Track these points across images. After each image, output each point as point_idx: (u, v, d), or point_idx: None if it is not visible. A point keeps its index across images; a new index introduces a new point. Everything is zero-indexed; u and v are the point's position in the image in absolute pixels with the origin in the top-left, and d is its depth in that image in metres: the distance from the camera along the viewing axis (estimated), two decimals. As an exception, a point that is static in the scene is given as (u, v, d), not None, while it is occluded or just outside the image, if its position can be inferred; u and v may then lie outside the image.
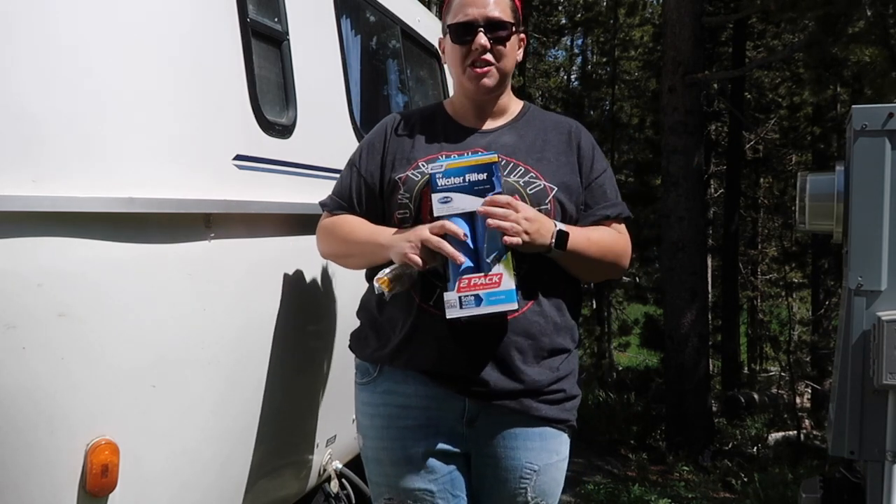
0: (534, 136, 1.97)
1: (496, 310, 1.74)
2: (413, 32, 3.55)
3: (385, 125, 2.05)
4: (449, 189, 1.79)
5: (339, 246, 2.03)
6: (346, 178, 2.04)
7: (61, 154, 1.65)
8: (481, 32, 1.89)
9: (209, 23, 2.01)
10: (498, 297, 1.73)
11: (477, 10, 1.90)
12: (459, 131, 1.98)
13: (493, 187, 1.77)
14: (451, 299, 1.75)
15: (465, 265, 1.75)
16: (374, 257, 1.89)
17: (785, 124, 15.76)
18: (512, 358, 1.85)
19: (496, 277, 1.74)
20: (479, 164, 1.79)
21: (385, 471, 1.93)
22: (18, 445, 1.63)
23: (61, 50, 1.68)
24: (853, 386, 2.30)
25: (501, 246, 1.74)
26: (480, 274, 1.74)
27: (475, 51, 1.90)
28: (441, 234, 1.75)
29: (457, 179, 1.79)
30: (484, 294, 1.73)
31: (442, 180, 1.80)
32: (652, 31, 15.63)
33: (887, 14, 7.22)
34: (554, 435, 1.93)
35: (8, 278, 1.58)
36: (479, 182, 1.78)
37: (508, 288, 1.74)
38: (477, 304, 1.74)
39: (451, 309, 1.75)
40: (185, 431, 1.89)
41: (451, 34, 1.94)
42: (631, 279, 17.65)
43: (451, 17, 1.94)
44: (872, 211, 2.29)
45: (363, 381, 1.98)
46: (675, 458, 8.08)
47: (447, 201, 1.79)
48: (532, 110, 2.05)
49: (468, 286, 1.74)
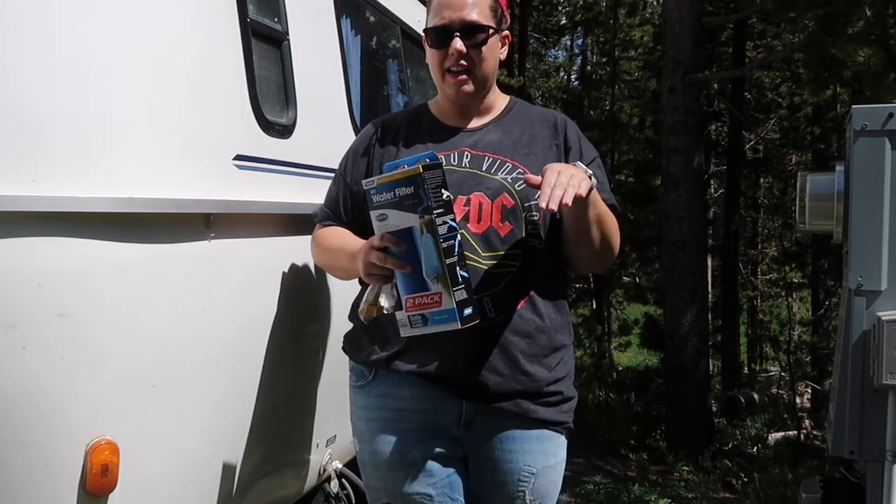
0: (520, 132, 1.95)
1: (441, 329, 1.67)
2: (413, 32, 3.55)
3: (369, 131, 2.04)
4: (383, 205, 1.69)
5: (323, 257, 2.03)
6: (333, 189, 2.03)
7: (61, 154, 1.65)
8: (457, 37, 1.86)
9: (209, 23, 2.01)
10: (441, 316, 1.66)
11: (454, 14, 1.86)
12: (445, 131, 1.97)
13: (421, 201, 1.64)
14: (401, 318, 1.71)
15: (410, 284, 1.68)
16: (352, 271, 1.86)
17: (785, 124, 15.78)
18: (509, 358, 1.83)
19: (437, 296, 1.65)
20: (406, 178, 1.66)
21: (382, 475, 1.91)
22: (18, 445, 1.63)
23: (61, 50, 1.68)
24: (853, 386, 2.30)
25: (437, 263, 1.64)
26: (423, 293, 1.67)
27: (452, 56, 1.87)
28: (382, 247, 1.70)
29: (388, 195, 1.68)
30: (429, 314, 1.67)
31: (376, 196, 1.70)
32: (652, 31, 15.64)
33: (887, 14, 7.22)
34: (551, 437, 1.92)
35: (8, 278, 1.58)
36: (407, 196, 1.66)
37: (449, 307, 1.64)
38: (424, 323, 1.68)
39: (403, 328, 1.71)
40: (185, 431, 1.89)
41: (428, 38, 1.92)
42: (631, 279, 17.67)
43: (429, 19, 1.92)
44: (872, 211, 2.29)
45: (358, 384, 1.96)
46: (675, 458, 8.09)
47: (383, 218, 1.70)
48: (518, 105, 2.03)
49: (414, 306, 1.68)
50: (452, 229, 1.66)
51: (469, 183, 1.85)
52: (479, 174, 1.87)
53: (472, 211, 1.84)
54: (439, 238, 1.63)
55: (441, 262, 1.64)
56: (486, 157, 1.90)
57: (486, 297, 1.82)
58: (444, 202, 1.66)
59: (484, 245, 1.84)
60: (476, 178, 1.86)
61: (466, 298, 1.66)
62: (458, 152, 1.90)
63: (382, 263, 1.69)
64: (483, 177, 1.87)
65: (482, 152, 1.91)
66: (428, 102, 2.08)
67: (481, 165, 1.89)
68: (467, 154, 1.90)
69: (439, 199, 1.65)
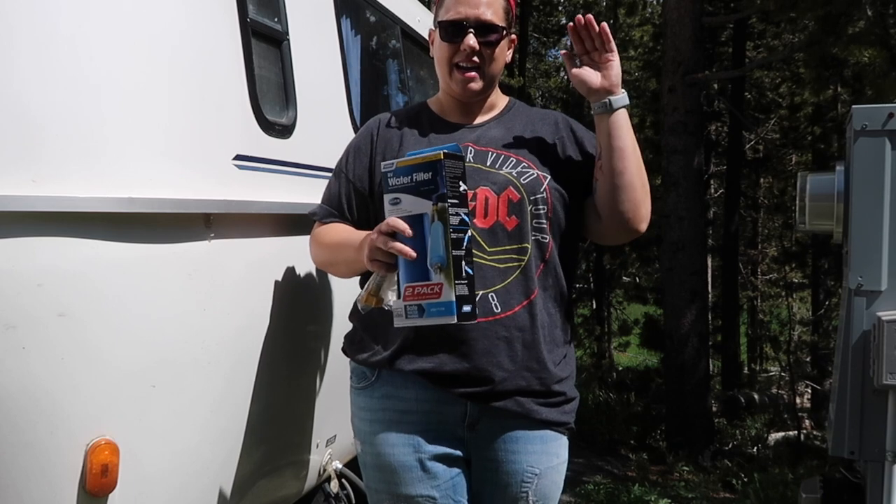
0: (522, 128, 1.96)
1: (437, 322, 1.63)
2: (413, 32, 3.55)
3: (370, 127, 2.03)
4: (399, 189, 1.67)
5: (324, 254, 2.01)
6: (334, 186, 2.02)
7: (61, 154, 1.65)
8: (471, 33, 1.87)
9: (209, 23, 2.01)
10: (438, 308, 1.61)
11: (469, 10, 1.87)
12: (447, 128, 1.97)
13: (437, 188, 1.62)
14: (397, 308, 1.67)
15: (412, 272, 1.65)
16: (356, 264, 1.84)
17: (785, 124, 15.77)
18: (514, 353, 1.83)
19: (437, 287, 1.61)
20: (425, 162, 1.63)
21: (385, 477, 1.89)
22: (18, 445, 1.63)
23: (62, 50, 1.68)
24: (853, 386, 2.30)
25: (443, 253, 1.61)
26: (424, 283, 1.63)
27: (463, 51, 1.87)
28: (391, 232, 1.67)
29: (405, 179, 1.66)
30: (426, 304, 1.62)
31: (393, 179, 1.67)
32: (652, 31, 15.64)
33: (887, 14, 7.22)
34: (554, 438, 1.92)
35: (8, 278, 1.58)
36: (424, 182, 1.63)
37: (448, 299, 1.60)
38: (419, 314, 1.63)
39: (398, 318, 1.67)
40: (184, 431, 1.89)
41: (440, 31, 1.91)
42: (631, 279, 17.67)
43: (442, 12, 1.92)
44: (872, 211, 2.29)
45: (360, 386, 1.95)
46: (675, 458, 8.10)
47: (396, 202, 1.67)
48: (518, 105, 2.04)
49: (412, 295, 1.64)
50: (464, 223, 1.65)
51: (474, 178, 1.84)
52: (484, 169, 1.87)
53: (478, 205, 1.83)
54: (449, 228, 1.61)
55: (447, 252, 1.61)
56: (490, 153, 1.90)
57: (491, 293, 1.81)
58: (461, 194, 1.65)
59: (490, 239, 1.83)
60: (481, 173, 1.86)
61: (467, 295, 1.64)
62: (461, 147, 1.90)
63: (387, 247, 1.65)
64: (488, 171, 1.87)
65: (486, 147, 1.91)
66: (427, 101, 2.08)
67: (485, 160, 1.88)
68: (471, 149, 1.90)
69: (456, 190, 1.64)
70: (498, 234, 1.84)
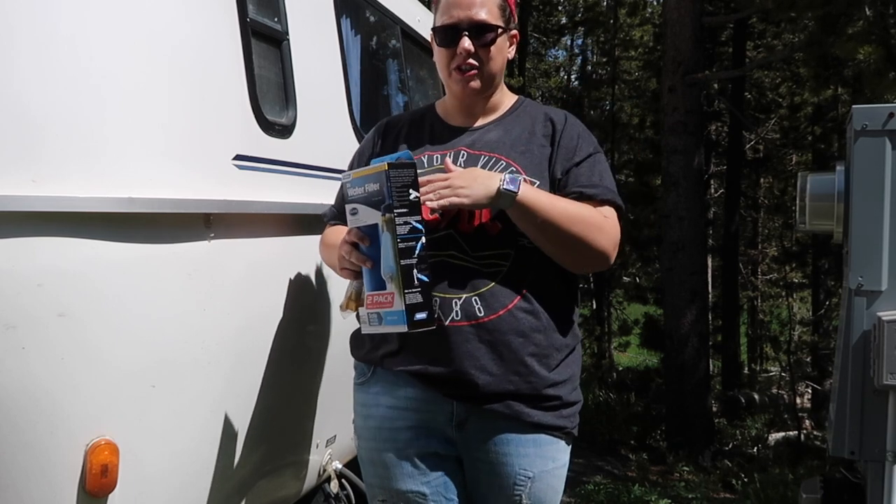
0: (520, 130, 1.94)
1: (393, 330, 1.68)
2: (413, 32, 3.55)
3: (374, 131, 2.06)
4: (355, 200, 1.72)
5: (327, 255, 2.06)
6: (339, 189, 2.04)
7: (61, 154, 1.65)
8: (466, 36, 1.86)
9: (209, 23, 2.01)
10: (392, 317, 1.66)
11: (462, 13, 1.86)
12: (447, 131, 1.97)
13: (384, 199, 1.64)
14: (362, 315, 1.74)
15: (372, 281, 1.70)
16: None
17: (785, 124, 15.75)
18: (500, 357, 1.81)
19: (390, 297, 1.66)
20: (373, 174, 1.67)
21: (378, 472, 1.92)
22: (18, 445, 1.63)
23: (62, 50, 1.68)
24: (853, 386, 2.30)
25: (392, 264, 1.64)
26: (381, 292, 1.68)
27: (460, 55, 1.87)
28: (353, 242, 1.73)
29: (359, 189, 1.70)
30: (383, 313, 1.67)
31: (350, 190, 1.72)
32: (652, 31, 15.63)
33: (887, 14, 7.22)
34: (549, 441, 1.90)
35: (8, 278, 1.58)
36: (374, 193, 1.67)
37: (398, 308, 1.64)
38: (379, 322, 1.69)
39: (363, 325, 1.73)
40: (184, 431, 1.89)
41: (436, 37, 1.92)
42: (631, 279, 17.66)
43: (437, 17, 1.92)
44: (872, 211, 2.29)
45: (359, 381, 1.98)
46: (675, 458, 8.10)
47: (355, 213, 1.72)
48: (525, 104, 2.02)
49: (372, 304, 1.70)
50: (416, 231, 1.66)
51: None
52: None
53: (463, 209, 1.83)
54: (397, 238, 1.64)
55: (396, 262, 1.64)
56: (482, 156, 1.89)
57: (475, 297, 1.81)
58: (410, 203, 1.66)
59: (474, 244, 1.83)
60: None
61: (421, 302, 1.66)
62: (454, 152, 1.90)
63: (348, 257, 1.75)
64: None
65: (478, 151, 1.91)
66: (435, 103, 2.09)
67: (476, 164, 1.88)
68: (463, 153, 1.90)
69: (404, 199, 1.66)
70: (482, 238, 1.83)
